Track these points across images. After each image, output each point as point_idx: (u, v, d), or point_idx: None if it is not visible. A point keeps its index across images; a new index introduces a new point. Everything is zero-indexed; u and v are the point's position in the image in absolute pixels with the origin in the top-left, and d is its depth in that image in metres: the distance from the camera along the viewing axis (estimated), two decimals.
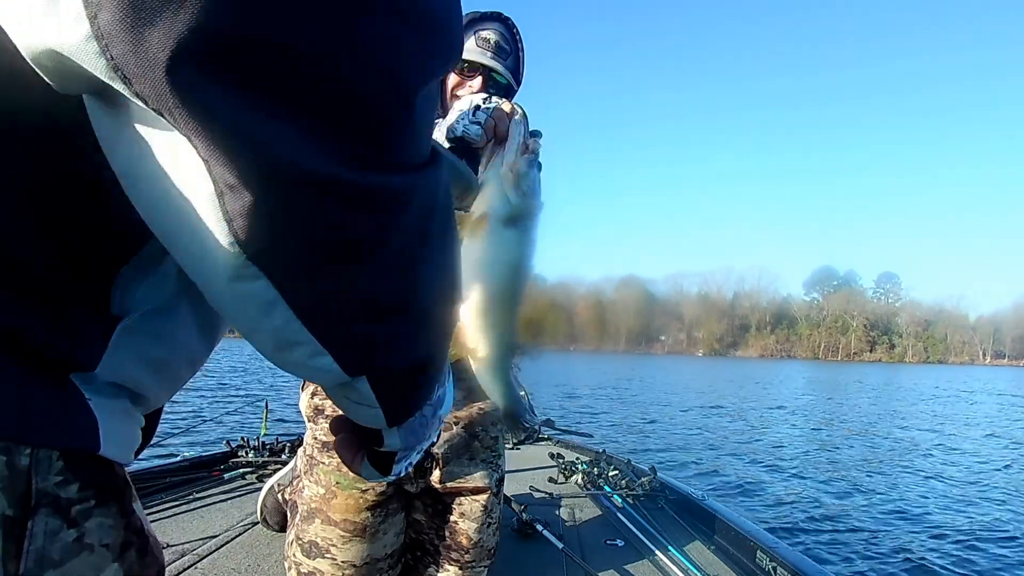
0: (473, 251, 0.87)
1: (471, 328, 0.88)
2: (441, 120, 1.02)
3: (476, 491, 1.15)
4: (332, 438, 1.04)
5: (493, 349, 0.90)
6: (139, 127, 0.26)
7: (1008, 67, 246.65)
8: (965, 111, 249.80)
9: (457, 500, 1.15)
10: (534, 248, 0.89)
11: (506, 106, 0.90)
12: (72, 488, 0.30)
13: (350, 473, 1.03)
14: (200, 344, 0.42)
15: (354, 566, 1.04)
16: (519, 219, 0.86)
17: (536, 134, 0.91)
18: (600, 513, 2.60)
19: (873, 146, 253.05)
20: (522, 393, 1.71)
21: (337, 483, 1.04)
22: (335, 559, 1.03)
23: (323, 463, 1.05)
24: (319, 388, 1.08)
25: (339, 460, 1.05)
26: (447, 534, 1.15)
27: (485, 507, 1.15)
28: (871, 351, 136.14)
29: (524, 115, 0.89)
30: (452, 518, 1.15)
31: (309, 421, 1.09)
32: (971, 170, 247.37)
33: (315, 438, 1.07)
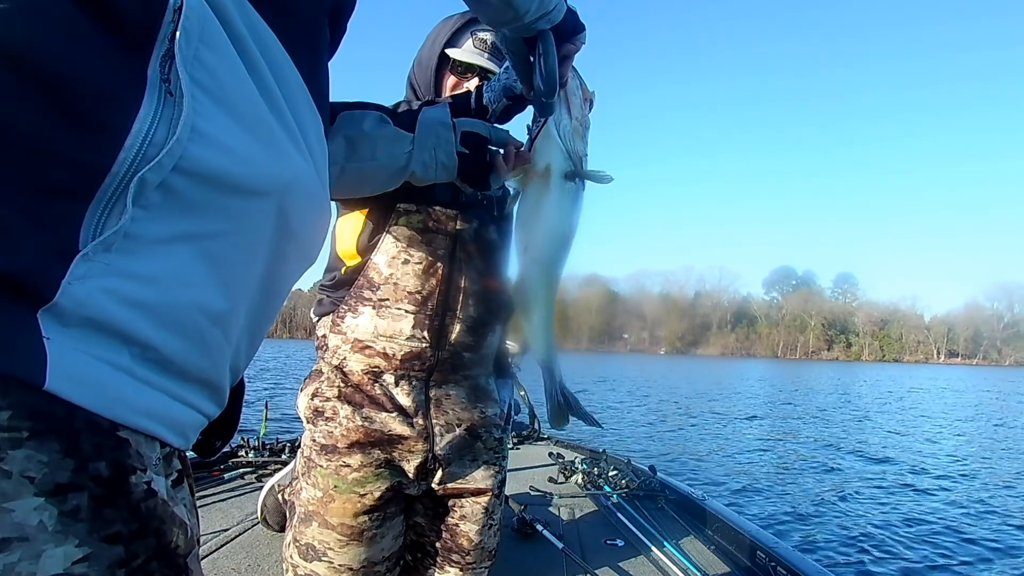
0: (536, 205, 0.90)
1: (533, 278, 0.91)
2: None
3: (477, 492, 1.13)
4: (330, 441, 1.05)
5: (548, 299, 0.93)
6: None
7: (966, 72, 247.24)
8: (923, 115, 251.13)
9: (458, 502, 1.13)
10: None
11: None
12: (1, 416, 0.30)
13: (348, 477, 1.01)
14: (220, 299, 0.40)
15: (351, 570, 1.01)
16: (577, 174, 0.88)
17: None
18: (600, 513, 2.59)
19: (832, 148, 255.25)
20: (521, 393, 1.71)
21: (335, 487, 1.01)
22: (332, 562, 1.01)
23: (321, 466, 1.03)
24: (319, 389, 1.06)
25: (337, 464, 1.03)
26: (448, 536, 1.13)
27: (486, 509, 1.13)
28: (829, 350, 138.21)
29: (575, 69, 0.89)
30: (453, 520, 1.13)
31: (308, 423, 1.06)
32: (927, 173, 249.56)
33: (313, 440, 1.05)
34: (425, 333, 1.05)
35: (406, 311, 1.04)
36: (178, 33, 0.36)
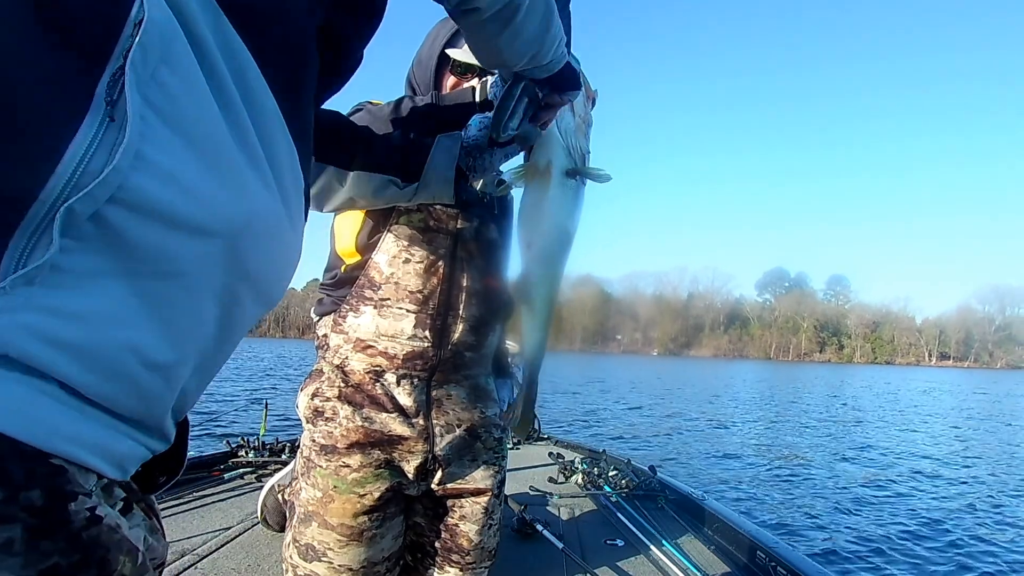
0: (538, 201, 0.90)
1: (536, 275, 0.90)
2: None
3: (477, 493, 1.11)
4: (330, 441, 1.03)
5: (549, 297, 0.94)
6: None
7: (961, 74, 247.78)
8: (917, 117, 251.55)
9: (458, 502, 1.11)
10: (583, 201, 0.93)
11: None
12: None
13: (348, 477, 0.99)
14: (161, 343, 0.36)
15: (351, 570, 1.00)
16: (579, 171, 0.87)
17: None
18: (600, 513, 2.57)
19: (826, 150, 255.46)
20: None
21: (335, 487, 1.00)
22: (332, 563, 0.99)
23: (320, 466, 1.01)
24: (319, 389, 1.04)
25: (336, 464, 1.01)
26: (448, 536, 1.12)
27: (486, 509, 1.11)
28: (821, 352, 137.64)
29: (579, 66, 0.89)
30: (453, 520, 1.12)
31: (307, 423, 1.05)
32: (920, 175, 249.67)
33: (313, 440, 1.03)
34: (427, 332, 1.03)
35: (407, 310, 1.02)
36: (133, 49, 0.32)
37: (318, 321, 1.12)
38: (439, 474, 1.08)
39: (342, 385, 1.04)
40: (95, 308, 0.33)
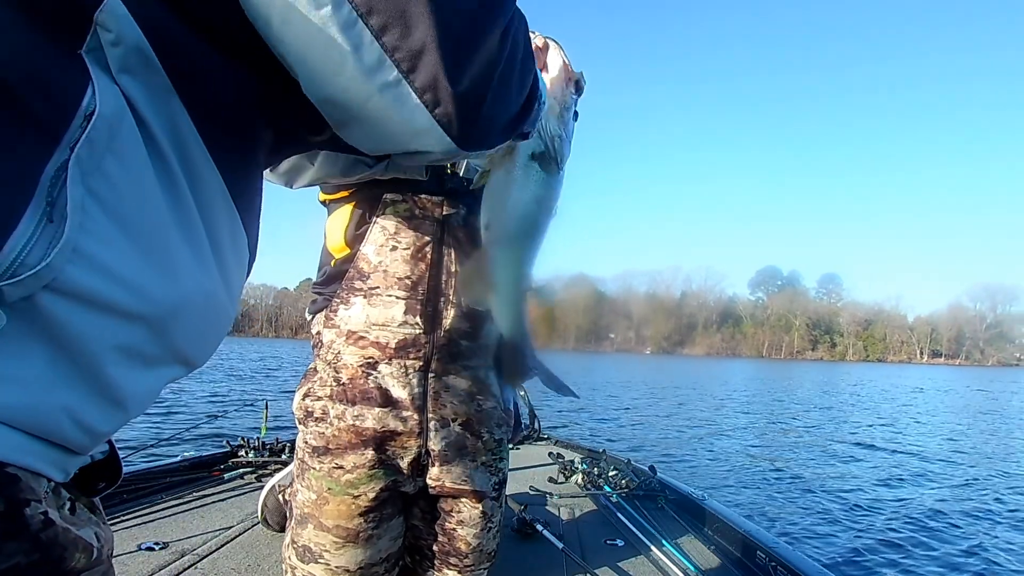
0: (501, 183, 0.86)
1: (495, 256, 0.87)
2: None
3: (475, 496, 1.09)
4: (322, 442, 1.00)
5: (512, 279, 0.90)
6: None
7: (956, 74, 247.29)
8: (911, 117, 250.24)
9: (456, 506, 1.09)
10: (560, 188, 0.87)
11: (538, 39, 0.86)
12: None
13: (341, 479, 0.98)
14: (91, 407, 0.37)
15: (348, 571, 0.98)
16: (548, 155, 0.84)
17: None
18: (600, 513, 2.54)
19: (817, 149, 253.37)
20: (521, 393, 1.65)
21: (329, 489, 0.98)
22: (329, 564, 0.98)
23: (314, 468, 0.99)
24: (311, 389, 1.02)
25: (330, 466, 0.99)
26: (445, 540, 1.09)
27: (485, 512, 1.09)
28: (813, 350, 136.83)
29: (560, 47, 0.85)
30: (451, 524, 1.09)
31: (300, 424, 1.03)
32: (910, 174, 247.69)
33: (306, 442, 1.01)
34: (418, 319, 1.01)
35: (397, 297, 1.01)
36: (80, 144, 0.32)
37: (312, 319, 1.10)
38: (435, 469, 1.05)
39: (334, 384, 1.02)
40: (27, 373, 0.34)
